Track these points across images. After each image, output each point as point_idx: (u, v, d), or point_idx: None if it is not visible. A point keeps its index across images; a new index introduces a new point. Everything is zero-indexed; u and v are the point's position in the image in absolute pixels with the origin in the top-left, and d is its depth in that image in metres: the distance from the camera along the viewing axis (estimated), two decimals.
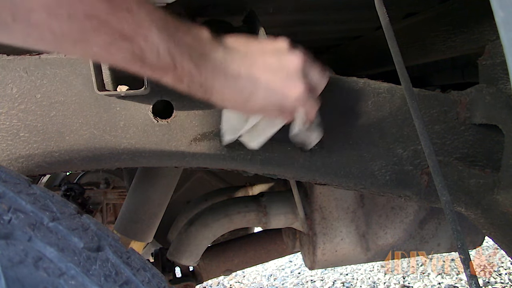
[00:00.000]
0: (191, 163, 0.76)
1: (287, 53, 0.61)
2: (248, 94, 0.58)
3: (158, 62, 0.52)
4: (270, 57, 0.60)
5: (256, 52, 0.60)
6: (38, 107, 0.70)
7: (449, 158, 0.77)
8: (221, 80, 0.57)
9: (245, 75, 0.58)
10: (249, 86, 0.58)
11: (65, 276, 0.40)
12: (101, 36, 0.48)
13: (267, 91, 0.59)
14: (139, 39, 0.50)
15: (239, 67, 0.57)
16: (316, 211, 1.17)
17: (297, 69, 0.60)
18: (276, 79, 0.59)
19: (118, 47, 0.49)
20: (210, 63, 0.56)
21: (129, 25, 0.49)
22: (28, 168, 0.72)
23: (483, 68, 0.74)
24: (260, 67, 0.58)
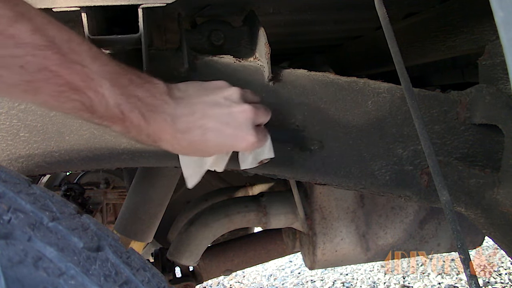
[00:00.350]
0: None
1: (237, 104, 0.62)
2: (198, 144, 0.60)
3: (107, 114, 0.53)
4: (220, 108, 0.60)
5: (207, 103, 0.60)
6: (38, 107, 0.70)
7: (449, 158, 0.77)
8: (171, 133, 0.58)
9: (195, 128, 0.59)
10: (197, 138, 0.59)
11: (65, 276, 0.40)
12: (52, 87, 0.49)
13: (217, 141, 0.60)
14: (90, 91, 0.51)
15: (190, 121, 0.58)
16: (316, 211, 1.17)
17: (246, 120, 0.61)
18: (226, 130, 0.60)
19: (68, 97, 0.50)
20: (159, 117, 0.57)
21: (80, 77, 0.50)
22: (28, 168, 0.72)
23: (483, 68, 0.74)
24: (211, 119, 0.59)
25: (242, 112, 0.61)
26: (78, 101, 0.51)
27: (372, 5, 0.63)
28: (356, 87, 0.76)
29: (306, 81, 0.75)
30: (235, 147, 0.62)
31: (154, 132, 0.57)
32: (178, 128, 0.58)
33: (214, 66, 0.72)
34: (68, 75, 0.49)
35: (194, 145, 0.60)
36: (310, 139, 0.75)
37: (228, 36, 0.78)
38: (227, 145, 0.62)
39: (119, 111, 0.53)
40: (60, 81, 0.49)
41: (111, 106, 0.53)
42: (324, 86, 0.75)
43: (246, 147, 0.62)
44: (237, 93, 0.63)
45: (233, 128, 0.60)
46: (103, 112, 0.53)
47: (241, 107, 0.61)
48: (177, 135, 0.58)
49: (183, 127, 0.58)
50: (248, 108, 0.61)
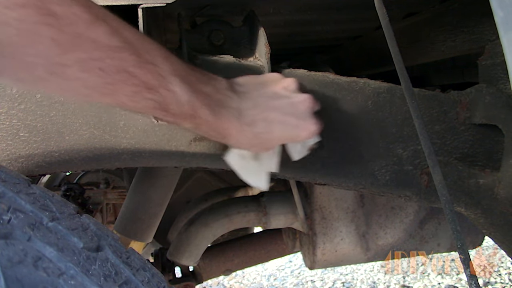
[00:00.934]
0: (191, 163, 0.76)
1: (296, 94, 0.64)
2: (263, 137, 0.61)
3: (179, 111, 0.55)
4: (282, 99, 0.62)
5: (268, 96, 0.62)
6: (38, 107, 0.70)
7: (449, 158, 0.77)
8: (237, 126, 0.59)
9: (260, 121, 0.60)
10: (263, 129, 0.61)
11: (65, 276, 0.40)
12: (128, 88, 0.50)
13: (281, 132, 0.62)
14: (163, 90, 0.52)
15: (254, 114, 0.60)
16: (316, 211, 1.17)
17: (307, 109, 0.63)
18: (290, 121, 0.62)
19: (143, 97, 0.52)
20: (227, 111, 0.59)
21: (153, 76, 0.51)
22: (28, 168, 0.72)
23: (483, 68, 0.74)
24: (274, 111, 0.61)
25: (302, 101, 0.63)
26: (152, 100, 0.52)
27: (372, 5, 0.63)
28: (356, 87, 0.76)
29: (306, 81, 0.75)
30: (298, 137, 0.64)
31: (222, 127, 0.59)
32: (244, 121, 0.60)
33: (214, 66, 0.72)
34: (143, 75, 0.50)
35: (259, 137, 0.61)
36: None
37: (228, 36, 0.78)
38: (291, 135, 0.63)
39: (191, 107, 0.55)
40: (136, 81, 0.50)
41: (183, 103, 0.54)
42: (324, 86, 0.75)
43: (308, 135, 0.64)
44: (294, 83, 0.65)
45: (296, 118, 0.62)
46: (175, 109, 0.54)
47: (301, 97, 0.63)
48: (243, 128, 0.60)
49: (248, 120, 0.60)
50: (307, 97, 0.63)
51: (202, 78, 0.58)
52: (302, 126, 0.62)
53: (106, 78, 0.48)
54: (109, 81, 0.49)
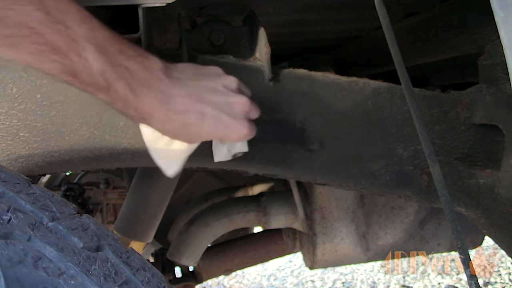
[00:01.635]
0: (191, 163, 0.76)
1: (234, 94, 0.62)
2: (192, 129, 0.59)
3: (90, 80, 0.52)
4: (219, 95, 0.60)
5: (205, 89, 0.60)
6: (38, 107, 0.70)
7: (449, 158, 0.77)
8: (163, 111, 0.57)
9: (192, 111, 0.58)
10: (194, 121, 0.58)
11: (65, 275, 0.40)
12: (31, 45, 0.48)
13: (212, 128, 0.60)
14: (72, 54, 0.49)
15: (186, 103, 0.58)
16: (316, 211, 1.17)
17: (242, 111, 0.61)
18: (223, 118, 0.60)
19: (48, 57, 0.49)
20: (151, 93, 0.55)
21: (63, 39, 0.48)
22: (28, 168, 0.72)
23: (483, 68, 0.74)
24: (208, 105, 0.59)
25: (239, 103, 0.61)
26: (59, 63, 0.50)
27: (372, 5, 0.63)
28: (356, 87, 0.76)
29: (306, 81, 0.75)
30: (227, 136, 0.62)
31: (144, 108, 0.56)
32: (172, 108, 0.57)
33: None
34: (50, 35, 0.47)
35: (187, 128, 0.59)
36: (310, 139, 0.75)
37: (228, 36, 0.78)
38: (220, 133, 0.62)
39: (103, 79, 0.52)
40: (40, 40, 0.47)
41: (94, 73, 0.51)
42: (324, 86, 0.75)
43: (237, 137, 0.62)
44: (235, 82, 0.63)
45: (229, 117, 0.60)
46: (86, 78, 0.51)
47: (239, 98, 0.61)
48: (170, 114, 0.57)
49: (179, 108, 0.57)
50: (245, 100, 0.62)
51: (127, 52, 0.54)
52: (234, 126, 0.60)
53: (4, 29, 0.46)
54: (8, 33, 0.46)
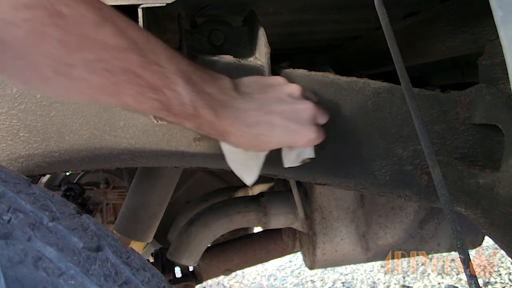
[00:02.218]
0: (191, 163, 0.76)
1: (299, 100, 0.64)
2: (263, 139, 0.62)
3: (182, 111, 0.55)
4: (285, 104, 0.63)
5: (272, 100, 0.63)
6: (38, 107, 0.70)
7: (449, 158, 0.77)
8: (238, 127, 0.60)
9: (262, 123, 0.61)
10: (265, 132, 0.61)
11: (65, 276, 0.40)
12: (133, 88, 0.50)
13: (281, 136, 0.62)
14: (167, 90, 0.52)
15: (257, 116, 0.61)
16: (316, 211, 1.17)
17: (309, 116, 0.63)
18: (290, 126, 0.62)
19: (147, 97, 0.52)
20: (229, 112, 0.59)
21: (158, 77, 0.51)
22: (28, 168, 0.72)
23: (483, 68, 0.74)
24: (276, 115, 0.62)
25: (305, 109, 0.63)
26: (156, 100, 0.52)
27: (372, 5, 0.63)
28: (356, 87, 0.76)
29: (306, 81, 0.75)
30: (296, 142, 0.65)
31: (224, 126, 0.59)
32: (245, 122, 0.60)
33: (214, 66, 0.72)
34: (148, 76, 0.50)
35: (259, 139, 0.61)
36: None
37: (228, 36, 0.78)
38: (289, 140, 0.64)
39: (193, 108, 0.55)
40: (141, 82, 0.50)
41: (186, 104, 0.54)
42: (324, 86, 0.75)
43: (306, 143, 0.64)
44: (299, 90, 0.66)
45: (297, 124, 0.62)
46: (178, 109, 0.54)
47: (304, 104, 0.64)
48: (244, 128, 0.60)
49: (251, 121, 0.60)
50: (311, 106, 0.64)
51: (206, 78, 0.58)
52: (302, 132, 0.63)
53: (111, 78, 0.48)
54: (114, 82, 0.49)
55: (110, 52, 0.47)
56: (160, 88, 0.52)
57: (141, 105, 0.53)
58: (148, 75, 0.50)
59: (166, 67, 0.52)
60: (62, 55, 0.45)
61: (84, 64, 0.46)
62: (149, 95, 0.52)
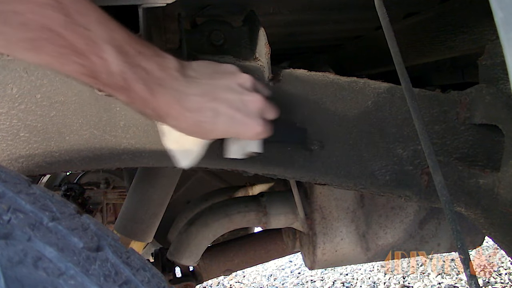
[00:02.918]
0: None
1: (249, 92, 0.62)
2: (206, 126, 0.60)
3: (110, 81, 0.52)
4: (233, 93, 0.61)
5: (220, 87, 0.61)
6: (38, 107, 0.70)
7: (449, 158, 0.77)
8: (179, 110, 0.57)
9: (206, 109, 0.59)
10: (208, 119, 0.59)
11: (65, 276, 0.40)
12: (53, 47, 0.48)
13: (225, 126, 0.60)
14: (92, 56, 0.50)
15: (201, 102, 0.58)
16: (316, 211, 1.17)
17: (257, 109, 0.62)
18: (236, 116, 0.60)
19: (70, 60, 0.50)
20: (167, 92, 0.56)
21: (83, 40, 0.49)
22: (28, 168, 0.72)
23: (483, 68, 0.74)
24: (222, 103, 0.60)
25: (254, 101, 0.62)
26: (80, 65, 0.50)
27: (372, 5, 0.63)
28: (356, 87, 0.76)
29: (306, 81, 0.75)
30: (241, 134, 0.63)
31: (160, 107, 0.57)
32: (187, 106, 0.58)
33: None
34: (71, 37, 0.48)
35: (201, 126, 0.60)
36: (310, 139, 0.75)
37: (228, 36, 0.78)
38: (234, 131, 0.62)
39: (123, 79, 0.53)
40: (62, 42, 0.48)
41: (114, 74, 0.52)
42: (324, 86, 0.75)
43: (251, 136, 0.63)
44: (250, 81, 0.64)
45: (243, 115, 0.61)
46: (105, 78, 0.52)
47: (253, 96, 0.62)
48: (185, 113, 0.58)
49: (193, 106, 0.58)
50: (260, 98, 0.62)
51: (146, 52, 0.55)
52: (248, 124, 0.61)
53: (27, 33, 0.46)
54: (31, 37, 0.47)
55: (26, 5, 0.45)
56: (85, 52, 0.49)
57: (64, 67, 0.51)
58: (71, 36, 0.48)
59: (95, 31, 0.50)
60: None
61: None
62: (72, 58, 0.49)
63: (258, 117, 0.62)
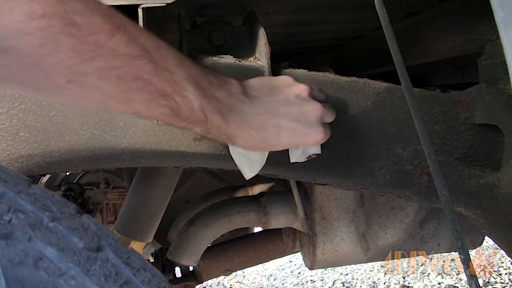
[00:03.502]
0: (191, 163, 0.76)
1: (307, 101, 0.64)
2: (270, 142, 0.62)
3: (192, 117, 0.55)
4: (292, 106, 0.63)
5: (280, 102, 0.63)
6: (38, 107, 0.70)
7: (449, 158, 0.77)
8: (247, 130, 0.60)
9: (270, 126, 0.61)
10: (272, 135, 0.62)
11: (65, 276, 0.40)
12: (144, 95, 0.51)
13: (288, 139, 0.63)
14: (177, 96, 0.53)
15: (264, 120, 0.61)
16: (316, 211, 1.17)
17: (317, 118, 0.64)
18: (298, 128, 0.63)
19: (158, 103, 0.52)
20: (237, 116, 0.59)
21: (168, 83, 0.52)
22: (28, 168, 0.72)
23: (483, 68, 0.74)
24: (284, 118, 0.62)
25: (312, 110, 0.64)
26: (166, 107, 0.53)
27: (372, 5, 0.63)
28: (356, 87, 0.76)
29: (306, 81, 0.75)
30: (304, 143, 0.65)
31: (232, 130, 0.59)
32: (253, 126, 0.60)
33: (214, 66, 0.72)
34: (159, 83, 0.51)
35: (267, 142, 0.62)
36: None
37: (228, 36, 0.78)
38: (298, 142, 0.65)
39: (202, 113, 0.55)
40: (152, 88, 0.50)
41: (195, 109, 0.55)
42: (324, 86, 0.75)
43: (313, 143, 0.65)
44: (306, 90, 0.66)
45: (304, 126, 0.63)
46: (188, 115, 0.55)
47: (311, 106, 0.64)
48: (252, 132, 0.60)
49: (258, 124, 0.60)
50: (318, 106, 0.64)
51: (214, 82, 0.58)
52: (309, 133, 0.63)
53: (123, 86, 0.49)
54: (126, 89, 0.49)
55: (122, 60, 0.47)
56: (170, 94, 0.52)
57: (152, 112, 0.53)
58: (159, 81, 0.51)
59: (176, 73, 0.53)
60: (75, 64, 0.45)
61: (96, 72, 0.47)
62: (160, 101, 0.52)
63: (318, 125, 0.64)
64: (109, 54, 0.47)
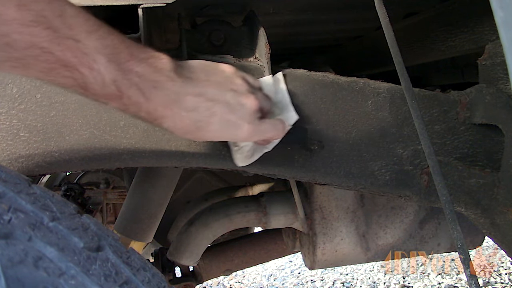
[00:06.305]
0: (191, 163, 0.76)
1: (246, 93, 0.61)
2: (200, 125, 0.58)
3: (102, 91, 0.51)
4: (229, 94, 0.60)
5: (217, 87, 0.60)
6: (38, 107, 0.70)
7: (449, 158, 0.77)
8: (176, 110, 0.56)
9: (202, 109, 0.58)
10: (203, 118, 0.58)
11: (65, 275, 0.40)
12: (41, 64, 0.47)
13: (219, 126, 0.59)
14: (83, 68, 0.49)
15: (196, 102, 0.57)
16: (316, 211, 1.17)
17: (252, 111, 0.61)
18: (231, 118, 0.59)
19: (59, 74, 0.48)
20: (163, 93, 0.55)
21: (72, 53, 0.48)
22: (28, 168, 0.72)
23: (483, 68, 0.74)
24: (218, 103, 0.59)
25: (250, 103, 0.61)
26: (70, 78, 0.49)
27: (372, 5, 0.63)
28: (356, 87, 0.76)
29: (306, 81, 0.75)
30: (234, 136, 0.62)
31: (155, 109, 0.55)
32: (184, 107, 0.56)
33: None
34: (60, 52, 0.47)
35: (197, 125, 0.58)
36: (310, 139, 0.75)
37: (228, 36, 0.78)
38: (228, 132, 0.61)
39: (116, 88, 0.51)
40: (51, 58, 0.47)
41: (107, 83, 0.50)
42: (324, 86, 0.75)
43: (245, 138, 0.62)
44: (248, 81, 0.63)
45: (238, 117, 0.60)
46: (97, 89, 0.51)
47: (250, 98, 0.61)
48: (182, 113, 0.56)
49: (190, 105, 0.57)
50: (254, 99, 0.61)
51: (138, 55, 0.53)
52: (241, 126, 0.60)
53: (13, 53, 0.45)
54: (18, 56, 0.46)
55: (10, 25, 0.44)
56: (75, 65, 0.48)
57: (55, 80, 0.49)
58: (59, 51, 0.47)
59: (85, 42, 0.48)
60: None
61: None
62: (61, 72, 0.48)
63: (253, 119, 0.61)
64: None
